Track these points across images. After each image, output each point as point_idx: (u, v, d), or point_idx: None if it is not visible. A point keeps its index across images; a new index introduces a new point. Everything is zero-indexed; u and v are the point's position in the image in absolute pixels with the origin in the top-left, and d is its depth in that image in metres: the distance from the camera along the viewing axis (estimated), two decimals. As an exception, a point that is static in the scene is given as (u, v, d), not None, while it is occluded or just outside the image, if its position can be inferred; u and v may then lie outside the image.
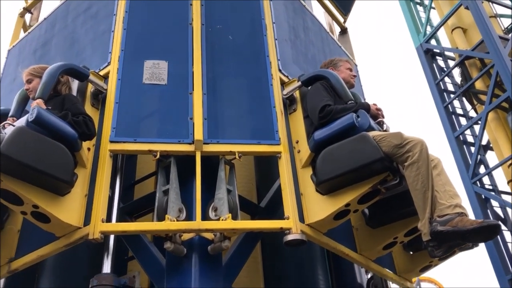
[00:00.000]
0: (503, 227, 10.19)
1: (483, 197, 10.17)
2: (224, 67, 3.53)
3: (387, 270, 3.70)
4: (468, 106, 12.09)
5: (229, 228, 2.83)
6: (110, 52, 3.50)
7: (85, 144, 3.05)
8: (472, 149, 11.24)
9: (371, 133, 2.88)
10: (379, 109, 3.20)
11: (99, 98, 3.35)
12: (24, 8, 5.37)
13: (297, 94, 3.52)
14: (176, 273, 2.92)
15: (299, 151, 3.28)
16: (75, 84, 3.31)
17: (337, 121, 2.98)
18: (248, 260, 3.34)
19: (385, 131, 3.16)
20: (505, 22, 12.03)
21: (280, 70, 3.62)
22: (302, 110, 3.39)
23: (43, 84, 2.95)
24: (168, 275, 2.95)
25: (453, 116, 11.84)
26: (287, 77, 3.67)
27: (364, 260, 3.44)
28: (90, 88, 3.34)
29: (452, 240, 2.50)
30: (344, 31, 5.77)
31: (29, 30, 4.78)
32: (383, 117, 3.20)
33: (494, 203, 10.15)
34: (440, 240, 2.53)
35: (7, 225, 3.22)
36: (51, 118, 2.72)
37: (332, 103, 3.10)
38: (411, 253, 3.80)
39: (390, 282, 4.10)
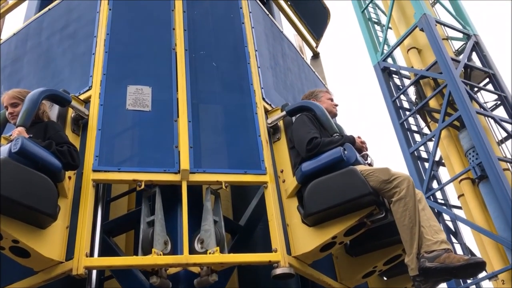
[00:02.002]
0: (454, 240, 10.70)
1: (436, 211, 10.61)
2: (208, 94, 3.51)
3: (363, 297, 3.78)
4: (422, 123, 12.63)
5: (217, 262, 2.80)
6: (91, 76, 3.39)
7: (66, 173, 2.93)
8: (426, 164, 11.73)
9: (359, 167, 2.94)
10: (363, 142, 3.28)
11: (80, 123, 3.24)
12: (-11, 20, 5.12)
13: (280, 123, 3.55)
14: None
15: (284, 181, 3.30)
16: (55, 109, 3.19)
17: (324, 154, 3.02)
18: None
19: (369, 164, 3.24)
20: (456, 45, 12.68)
21: (263, 99, 3.64)
22: (287, 140, 3.42)
23: (25, 111, 2.82)
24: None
25: (408, 133, 12.33)
26: (270, 105, 3.70)
27: (344, 289, 3.49)
28: (71, 113, 3.22)
29: (439, 275, 2.59)
30: (316, 55, 5.87)
31: (-4, 45, 4.56)
32: (367, 149, 3.28)
33: (446, 216, 10.65)
34: (428, 275, 2.61)
35: (-24, 258, 3.04)
36: (35, 149, 2.60)
37: (318, 135, 3.14)
38: (385, 278, 3.91)
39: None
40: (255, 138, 3.33)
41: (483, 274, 8.99)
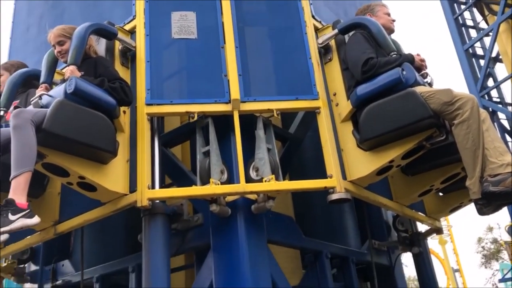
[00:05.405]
0: (508, 138, 10.39)
1: (491, 110, 10.23)
2: (253, 15, 3.34)
3: (419, 213, 3.80)
4: (479, 17, 11.73)
5: (273, 189, 2.83)
6: (133, 4, 3.27)
7: (121, 108, 2.96)
8: (481, 62, 11.09)
9: (418, 89, 2.78)
10: (422, 60, 3.06)
11: (128, 55, 3.20)
12: None
13: (332, 42, 3.35)
14: (222, 233, 2.98)
15: (337, 104, 3.20)
16: (102, 42, 3.14)
17: (381, 76, 2.86)
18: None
19: (429, 83, 3.06)
20: None
21: (313, 16, 3.42)
22: (340, 61, 3.25)
23: (75, 49, 2.79)
24: (214, 235, 3.01)
25: (463, 28, 11.54)
26: (320, 22, 3.48)
27: (399, 207, 3.51)
28: (118, 46, 3.17)
29: (503, 200, 2.52)
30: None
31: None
32: (426, 68, 3.08)
33: (501, 115, 10.27)
34: (491, 199, 2.55)
35: (48, 189, 3.24)
36: (89, 88, 2.62)
37: (374, 55, 2.96)
38: (441, 194, 3.88)
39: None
40: (306, 60, 3.17)
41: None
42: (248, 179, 2.91)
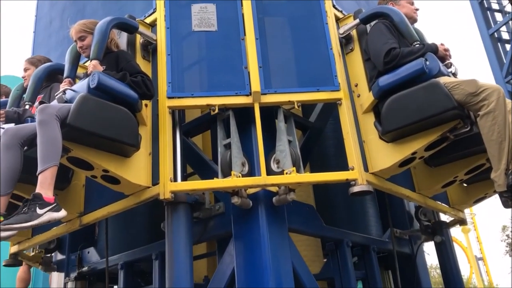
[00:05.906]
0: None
1: (516, 97, 9.99)
2: (273, 5, 3.30)
3: (442, 204, 3.75)
4: (504, 1, 11.42)
5: (294, 182, 2.83)
6: (154, -4, 3.28)
7: (143, 101, 2.98)
8: (507, 46, 10.81)
9: (442, 79, 2.73)
10: (446, 50, 3.00)
11: (149, 49, 3.22)
12: None
13: (354, 32, 3.30)
14: (243, 222, 3.00)
15: (359, 95, 3.16)
16: (123, 36, 3.16)
17: (404, 67, 2.82)
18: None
19: (453, 73, 3.00)
20: None
21: (334, 6, 3.38)
22: (362, 51, 3.20)
23: (97, 44, 2.82)
24: (235, 223, 3.03)
25: (489, 12, 11.26)
26: (341, 12, 3.43)
27: (422, 199, 3.47)
28: (139, 39, 3.19)
29: (530, 193, 2.48)
30: None
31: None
32: (450, 57, 3.02)
33: (527, 102, 10.02)
34: (516, 192, 2.51)
35: (73, 181, 3.30)
36: (112, 83, 2.65)
37: (397, 45, 2.91)
38: (465, 185, 3.82)
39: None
40: (327, 51, 3.14)
41: None
42: (269, 172, 2.92)
